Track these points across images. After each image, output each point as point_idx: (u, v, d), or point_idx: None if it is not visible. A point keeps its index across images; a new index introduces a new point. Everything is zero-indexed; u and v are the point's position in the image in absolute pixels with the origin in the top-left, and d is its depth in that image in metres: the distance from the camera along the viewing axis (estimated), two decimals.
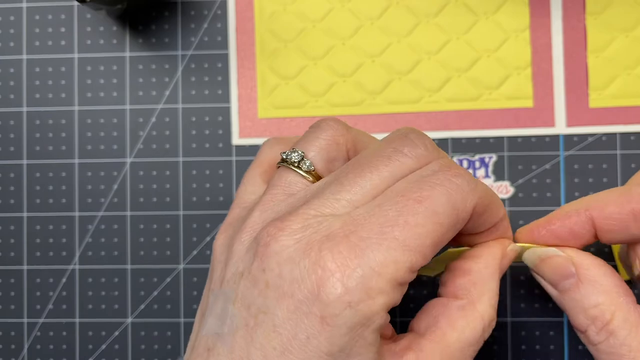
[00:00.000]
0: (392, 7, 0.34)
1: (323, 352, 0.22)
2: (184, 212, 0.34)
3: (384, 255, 0.22)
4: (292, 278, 0.22)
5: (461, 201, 0.23)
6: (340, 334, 0.21)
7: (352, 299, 0.21)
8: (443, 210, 0.23)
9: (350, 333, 0.21)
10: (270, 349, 0.22)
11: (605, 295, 0.25)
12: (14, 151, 0.35)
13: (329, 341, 0.21)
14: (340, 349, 0.22)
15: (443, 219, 0.23)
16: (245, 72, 0.34)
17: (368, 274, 0.22)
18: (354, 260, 0.22)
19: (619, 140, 0.33)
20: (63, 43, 0.35)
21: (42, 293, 0.35)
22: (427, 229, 0.22)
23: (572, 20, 0.33)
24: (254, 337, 0.22)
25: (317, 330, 0.21)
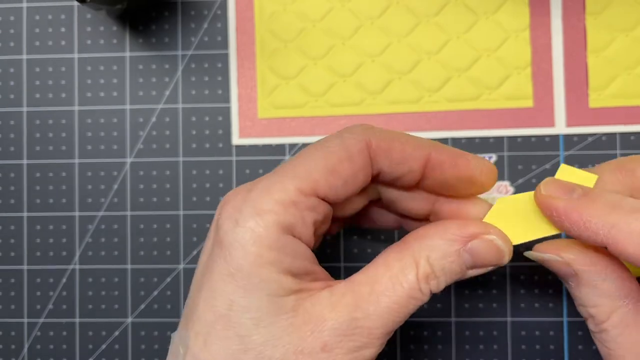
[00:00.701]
0: (392, 7, 0.34)
1: (224, 275, 0.23)
2: (184, 212, 0.34)
3: (270, 181, 0.24)
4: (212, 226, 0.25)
5: (349, 136, 0.25)
6: (233, 251, 0.23)
7: (240, 216, 0.23)
8: (330, 144, 0.25)
9: (243, 250, 0.23)
10: (193, 290, 0.24)
11: (604, 299, 0.25)
12: (14, 151, 0.35)
13: (225, 260, 0.23)
14: (237, 268, 0.23)
15: (331, 149, 0.24)
16: (245, 72, 0.34)
17: (255, 198, 0.23)
18: (246, 192, 0.24)
19: (619, 140, 0.33)
20: (63, 43, 0.35)
21: (42, 293, 0.35)
22: (314, 157, 0.24)
23: (572, 20, 0.33)
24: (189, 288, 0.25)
25: (218, 253, 0.23)
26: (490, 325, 0.33)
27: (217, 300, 0.23)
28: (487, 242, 0.25)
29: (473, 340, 0.33)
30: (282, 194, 0.23)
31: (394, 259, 0.24)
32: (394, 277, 0.24)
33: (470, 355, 0.33)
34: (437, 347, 0.34)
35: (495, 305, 0.33)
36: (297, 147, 0.34)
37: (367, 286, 0.24)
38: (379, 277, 0.24)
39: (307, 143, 0.34)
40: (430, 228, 0.25)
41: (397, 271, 0.24)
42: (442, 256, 0.24)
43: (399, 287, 0.24)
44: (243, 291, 0.23)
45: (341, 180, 0.24)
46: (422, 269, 0.24)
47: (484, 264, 0.25)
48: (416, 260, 0.24)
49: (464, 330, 0.33)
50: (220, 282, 0.23)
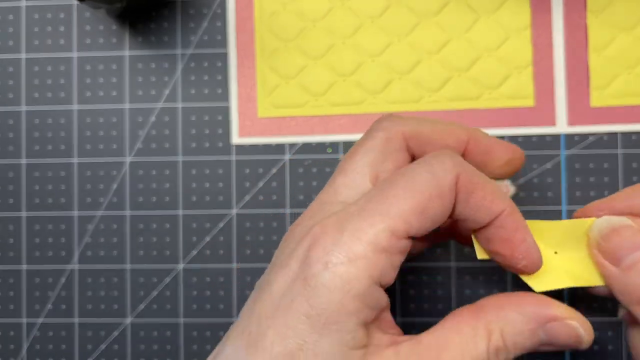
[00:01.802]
0: (393, 6, 0.34)
1: (302, 314, 0.22)
2: (183, 211, 0.34)
3: (361, 222, 0.23)
4: (289, 252, 0.24)
5: (441, 170, 0.24)
6: (318, 294, 0.22)
7: (331, 259, 0.22)
8: (420, 178, 0.23)
9: (329, 295, 0.22)
10: (263, 315, 0.23)
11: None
12: (12, 150, 0.35)
13: (307, 302, 0.22)
14: (318, 312, 0.22)
15: (421, 186, 0.23)
16: (245, 71, 0.34)
17: (347, 239, 0.22)
18: (336, 231, 0.23)
19: (620, 139, 0.33)
20: (62, 42, 0.35)
21: (41, 293, 0.35)
22: (405, 195, 0.23)
23: (574, 19, 0.33)
24: (254, 308, 0.24)
25: (300, 291, 0.22)
26: None
27: (289, 337, 0.22)
28: (568, 327, 0.25)
29: None
30: (375, 239, 0.22)
31: (466, 324, 0.24)
32: (463, 344, 0.23)
33: None
34: None
35: None
36: (297, 147, 0.34)
37: (434, 351, 0.23)
38: (448, 342, 0.23)
39: (307, 143, 0.34)
40: (509, 298, 0.25)
41: (467, 339, 0.23)
42: (517, 332, 0.24)
43: (467, 355, 0.23)
44: (318, 335, 0.22)
45: (430, 220, 0.24)
46: (495, 342, 0.24)
47: (559, 345, 0.25)
48: (489, 330, 0.24)
49: None
50: (296, 319, 0.22)
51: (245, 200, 0.34)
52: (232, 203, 0.34)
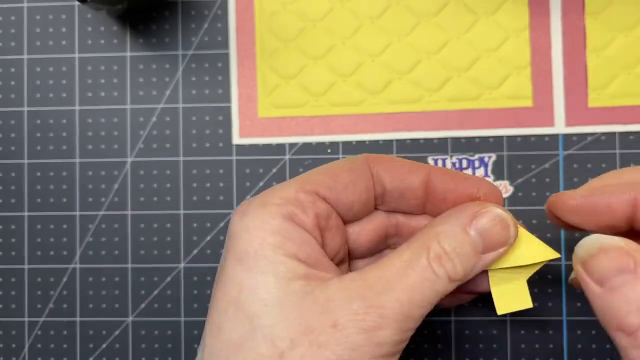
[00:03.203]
0: (392, 7, 0.34)
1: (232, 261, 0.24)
2: (184, 211, 0.34)
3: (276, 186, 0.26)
4: None
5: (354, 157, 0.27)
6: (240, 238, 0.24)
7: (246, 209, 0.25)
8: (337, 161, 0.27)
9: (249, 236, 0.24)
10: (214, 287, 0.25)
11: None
12: (15, 150, 0.35)
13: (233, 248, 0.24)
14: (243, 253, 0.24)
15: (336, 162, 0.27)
16: (246, 71, 0.35)
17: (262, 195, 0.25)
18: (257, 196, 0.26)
19: (618, 139, 0.33)
20: (64, 43, 0.35)
21: (43, 292, 0.35)
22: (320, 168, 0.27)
23: (572, 20, 0.33)
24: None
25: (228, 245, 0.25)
26: (489, 324, 0.33)
27: (228, 287, 0.23)
28: (490, 216, 0.25)
29: (473, 339, 0.33)
30: (285, 192, 0.25)
31: (403, 248, 0.24)
32: (404, 262, 0.24)
33: (470, 355, 0.33)
34: (437, 346, 0.34)
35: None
36: (297, 147, 0.34)
37: (377, 271, 0.24)
38: (389, 264, 0.24)
39: (307, 143, 0.34)
40: (436, 219, 0.26)
41: (407, 257, 0.24)
42: (450, 236, 0.24)
43: (410, 271, 0.24)
44: (251, 274, 0.23)
45: (341, 184, 0.26)
46: (433, 251, 0.24)
47: (494, 242, 0.25)
48: (427, 245, 0.24)
49: (463, 329, 0.33)
50: (230, 269, 0.24)
51: (245, 199, 0.34)
52: (232, 203, 0.34)
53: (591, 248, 0.25)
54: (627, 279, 0.24)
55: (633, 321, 0.23)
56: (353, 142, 0.34)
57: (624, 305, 0.24)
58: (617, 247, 0.25)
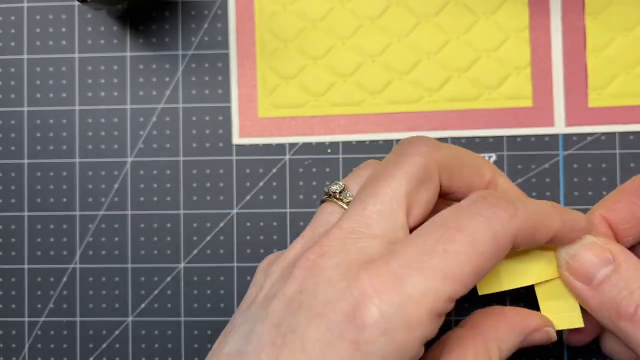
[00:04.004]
0: (392, 7, 0.34)
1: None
2: (184, 211, 0.34)
3: (423, 284, 0.21)
4: (326, 299, 0.21)
5: (501, 229, 0.23)
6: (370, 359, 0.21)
7: (389, 326, 0.21)
8: (482, 238, 0.22)
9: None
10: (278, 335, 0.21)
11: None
12: (14, 150, 0.35)
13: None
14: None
15: (483, 248, 0.22)
16: (246, 71, 0.35)
17: (407, 303, 0.21)
18: (393, 287, 0.21)
19: (618, 139, 0.33)
20: (64, 43, 0.35)
21: (42, 292, 0.35)
22: (467, 257, 0.22)
23: (572, 20, 0.33)
24: (279, 356, 0.21)
25: (348, 354, 0.21)
26: None
27: None
28: (544, 333, 0.27)
29: None
30: (435, 305, 0.21)
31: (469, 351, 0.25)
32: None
33: None
34: None
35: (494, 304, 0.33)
36: (297, 147, 0.34)
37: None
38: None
39: (307, 143, 0.34)
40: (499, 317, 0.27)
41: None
42: (510, 347, 0.26)
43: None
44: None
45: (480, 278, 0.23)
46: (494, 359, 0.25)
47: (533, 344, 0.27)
48: (489, 354, 0.25)
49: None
50: None
51: (245, 199, 0.34)
52: (232, 203, 0.34)
53: (571, 249, 0.26)
54: (610, 269, 0.25)
55: (629, 304, 0.24)
56: (353, 142, 0.34)
57: (616, 294, 0.25)
58: (592, 242, 0.26)
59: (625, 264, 0.25)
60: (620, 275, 0.25)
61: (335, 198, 0.26)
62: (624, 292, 0.25)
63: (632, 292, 0.24)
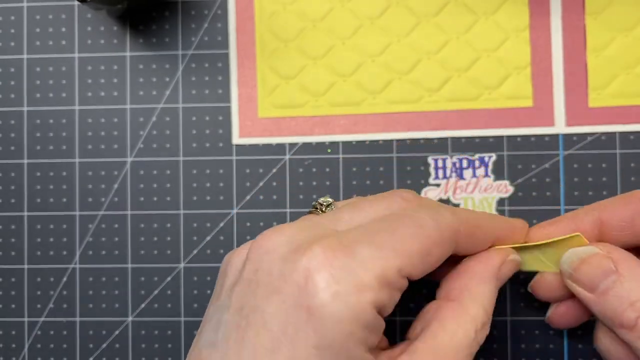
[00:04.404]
0: (392, 7, 0.34)
1: (311, 346, 0.21)
2: (184, 211, 0.34)
3: (372, 252, 0.22)
4: (280, 273, 0.22)
5: (444, 221, 0.25)
6: (327, 325, 0.21)
7: (340, 289, 0.21)
8: (427, 225, 0.24)
9: (339, 326, 0.21)
10: (260, 348, 0.22)
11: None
12: (14, 150, 0.35)
13: (317, 334, 0.21)
14: (328, 343, 0.21)
15: (429, 232, 0.24)
16: (246, 71, 0.35)
17: (356, 268, 0.22)
18: (343, 255, 0.22)
19: (619, 139, 0.33)
20: (64, 43, 0.35)
21: (42, 292, 0.35)
22: (414, 237, 0.23)
23: (572, 20, 0.33)
24: (245, 337, 0.22)
25: (305, 322, 0.21)
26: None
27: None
28: (511, 263, 0.27)
29: None
30: (384, 272, 0.22)
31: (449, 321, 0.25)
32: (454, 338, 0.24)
33: None
34: None
35: None
36: (297, 147, 0.34)
37: (430, 355, 0.24)
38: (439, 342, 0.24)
39: (307, 143, 0.34)
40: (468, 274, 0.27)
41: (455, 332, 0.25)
42: (491, 298, 0.26)
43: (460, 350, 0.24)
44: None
45: (430, 264, 0.25)
46: (480, 321, 0.25)
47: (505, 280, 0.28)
48: (472, 314, 0.25)
49: None
50: (304, 352, 0.21)
51: (245, 199, 0.34)
52: (232, 203, 0.34)
53: (573, 261, 0.27)
54: (612, 280, 0.26)
55: (630, 316, 0.25)
56: (353, 142, 0.34)
57: (618, 305, 0.25)
58: (594, 254, 0.26)
59: (627, 274, 0.25)
60: (622, 286, 0.25)
61: (322, 211, 0.27)
62: (625, 303, 0.25)
63: (633, 304, 0.25)
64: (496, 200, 0.33)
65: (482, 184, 0.33)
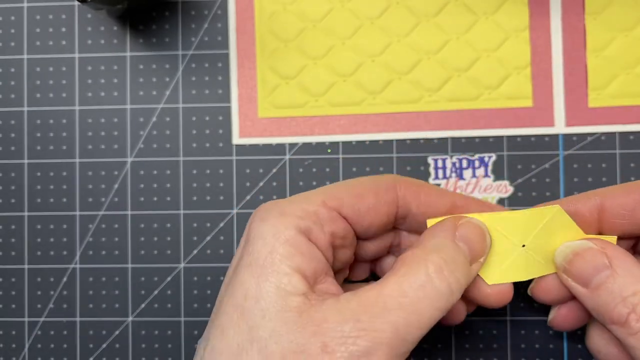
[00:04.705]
0: (392, 7, 0.34)
1: (245, 265, 0.24)
2: (184, 211, 0.34)
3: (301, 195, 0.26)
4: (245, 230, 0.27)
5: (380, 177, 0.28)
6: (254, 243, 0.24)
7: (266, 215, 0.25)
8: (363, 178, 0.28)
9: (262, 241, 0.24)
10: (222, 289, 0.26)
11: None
12: (14, 151, 0.35)
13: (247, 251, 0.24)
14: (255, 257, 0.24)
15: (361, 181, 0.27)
16: (246, 71, 0.35)
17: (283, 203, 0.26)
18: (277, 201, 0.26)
19: (618, 139, 0.33)
20: (64, 43, 0.35)
21: (43, 292, 0.35)
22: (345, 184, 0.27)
23: (572, 20, 0.33)
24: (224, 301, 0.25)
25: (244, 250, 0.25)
26: (489, 324, 0.33)
27: (236, 291, 0.24)
28: (470, 226, 0.27)
29: (473, 339, 0.33)
30: (307, 204, 0.25)
31: (399, 265, 0.24)
32: (401, 279, 0.23)
33: (470, 354, 0.33)
34: (436, 345, 0.34)
35: None
36: (297, 147, 0.34)
37: (373, 291, 0.23)
38: (385, 284, 0.23)
39: (307, 143, 0.34)
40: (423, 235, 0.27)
41: (403, 272, 0.24)
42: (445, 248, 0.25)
43: (407, 288, 0.23)
44: (256, 280, 0.23)
45: (365, 206, 0.26)
46: (433, 264, 0.24)
47: (476, 249, 0.26)
48: (424, 259, 0.24)
49: (463, 330, 0.34)
50: (241, 274, 0.24)
51: (245, 199, 0.34)
52: (232, 203, 0.34)
53: (567, 255, 0.27)
54: (606, 275, 0.26)
55: (622, 312, 0.25)
56: (353, 142, 0.34)
57: (610, 300, 0.25)
58: (587, 248, 0.26)
59: (620, 270, 0.25)
60: (615, 281, 0.25)
61: None
62: (618, 298, 0.25)
63: (625, 299, 0.25)
64: (496, 201, 0.33)
65: (482, 184, 0.33)
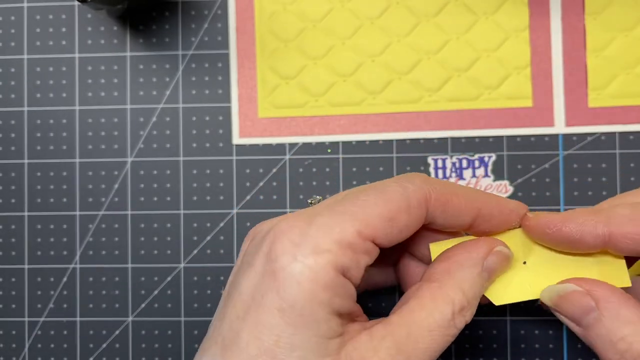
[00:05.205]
0: (392, 7, 0.34)
1: (274, 308, 0.22)
2: (184, 211, 0.34)
3: (330, 218, 0.23)
4: (255, 250, 0.24)
5: (412, 186, 0.25)
6: (288, 287, 0.22)
7: (298, 252, 0.22)
8: (391, 190, 0.24)
9: (299, 287, 0.22)
10: (234, 318, 0.23)
11: (629, 326, 0.24)
12: (15, 151, 0.35)
13: (279, 295, 0.22)
14: (290, 304, 0.22)
15: (391, 196, 0.24)
16: (246, 71, 0.35)
17: (315, 234, 0.23)
18: (304, 223, 0.23)
19: (618, 139, 0.33)
20: (64, 43, 0.35)
21: (43, 292, 0.35)
22: (375, 202, 0.24)
23: (572, 20, 0.34)
24: (225, 313, 0.24)
25: (269, 286, 0.23)
26: (489, 324, 0.33)
27: (264, 334, 0.22)
28: (498, 254, 0.26)
29: (473, 339, 0.33)
30: (342, 235, 0.23)
31: (426, 298, 0.25)
32: (429, 314, 0.24)
33: (470, 354, 0.33)
34: None
35: None
36: (297, 147, 0.34)
37: (404, 328, 0.24)
38: (415, 318, 0.24)
39: (307, 143, 0.34)
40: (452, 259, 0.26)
41: (431, 309, 0.24)
42: (471, 283, 0.25)
43: (434, 325, 0.24)
44: (293, 328, 0.22)
45: (397, 229, 0.24)
46: (459, 304, 0.24)
47: (496, 275, 0.26)
48: (450, 296, 0.24)
49: (463, 329, 0.33)
50: (269, 315, 0.22)
51: (245, 199, 0.34)
52: (232, 202, 0.34)
53: (553, 297, 0.26)
54: (594, 317, 0.25)
55: (613, 358, 0.24)
56: (353, 142, 0.34)
57: (600, 344, 0.25)
58: (572, 291, 0.26)
59: (607, 313, 0.25)
60: (603, 326, 0.25)
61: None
62: (607, 343, 0.25)
63: (615, 344, 0.24)
64: None
65: (482, 184, 0.33)
